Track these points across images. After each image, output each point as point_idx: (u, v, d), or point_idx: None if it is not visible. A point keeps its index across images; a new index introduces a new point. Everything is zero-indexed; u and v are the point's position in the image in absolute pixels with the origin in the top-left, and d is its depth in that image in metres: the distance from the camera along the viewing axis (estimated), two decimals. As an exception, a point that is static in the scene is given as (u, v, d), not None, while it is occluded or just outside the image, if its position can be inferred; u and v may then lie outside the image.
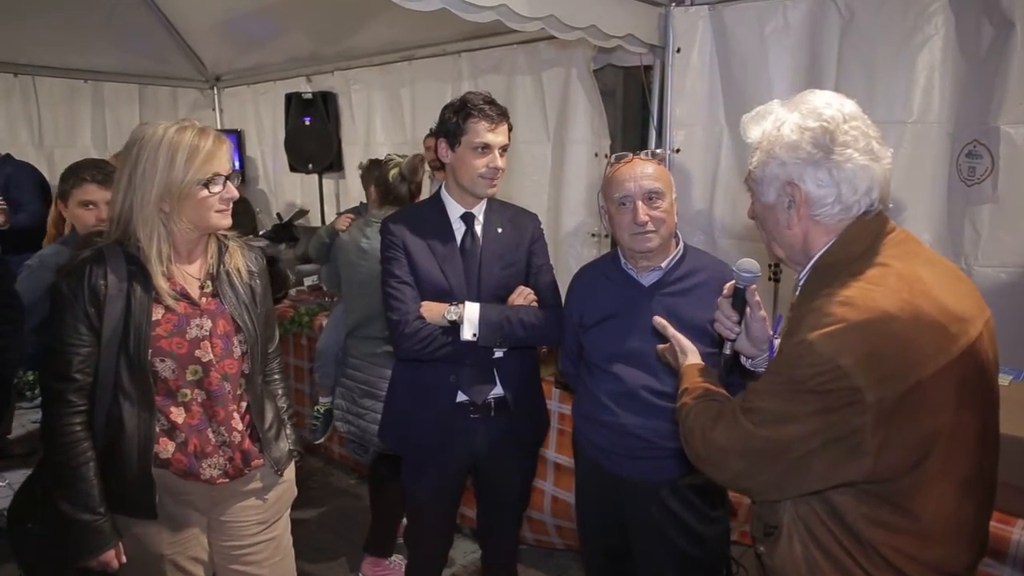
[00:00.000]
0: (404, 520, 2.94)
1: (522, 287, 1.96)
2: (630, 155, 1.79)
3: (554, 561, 2.87)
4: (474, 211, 1.95)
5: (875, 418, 0.98)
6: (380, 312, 2.51)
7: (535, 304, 1.94)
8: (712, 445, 1.15)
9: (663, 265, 1.77)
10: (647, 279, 1.78)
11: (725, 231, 3.04)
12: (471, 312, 1.84)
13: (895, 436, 1.00)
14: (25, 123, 4.72)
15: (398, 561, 2.79)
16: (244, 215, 3.67)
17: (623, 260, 1.82)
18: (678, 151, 3.03)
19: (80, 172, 2.21)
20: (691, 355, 1.42)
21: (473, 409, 1.94)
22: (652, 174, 1.72)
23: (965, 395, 1.04)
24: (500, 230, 1.97)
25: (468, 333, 1.84)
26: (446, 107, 1.90)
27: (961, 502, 1.07)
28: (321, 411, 3.03)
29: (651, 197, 1.70)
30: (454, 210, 1.95)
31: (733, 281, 1.37)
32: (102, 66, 4.83)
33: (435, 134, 1.94)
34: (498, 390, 1.96)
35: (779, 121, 1.15)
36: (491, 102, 1.87)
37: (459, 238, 1.93)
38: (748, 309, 1.36)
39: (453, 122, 1.85)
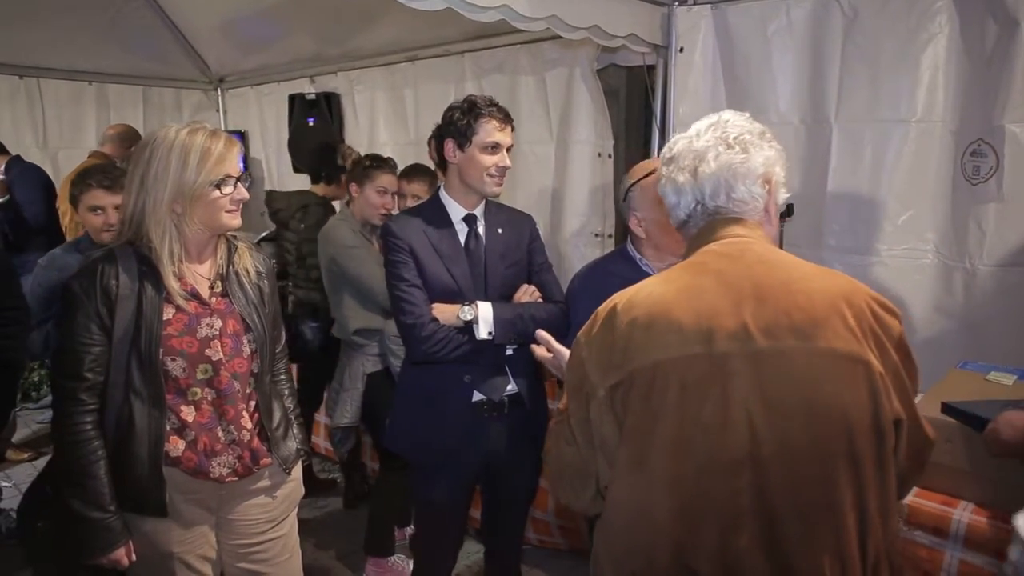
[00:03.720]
0: (409, 527, 2.97)
1: (526, 285, 1.99)
2: None
3: (559, 562, 2.88)
4: (475, 212, 1.97)
5: (606, 406, 1.09)
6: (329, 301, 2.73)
7: (541, 300, 1.98)
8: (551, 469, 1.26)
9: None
10: None
11: (729, 230, 3.04)
12: (485, 311, 1.87)
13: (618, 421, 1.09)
14: (30, 125, 4.73)
15: (399, 561, 2.79)
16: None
17: (637, 257, 1.83)
18: (682, 150, 3.03)
19: (88, 178, 2.31)
20: None
21: (488, 407, 1.95)
22: None
23: (662, 400, 1.04)
24: (500, 230, 1.99)
25: (484, 332, 1.86)
26: (452, 108, 1.91)
27: (656, 503, 1.05)
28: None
29: None
30: (456, 212, 1.96)
31: None
32: (106, 68, 4.83)
33: (439, 135, 1.94)
34: (512, 386, 1.98)
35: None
36: (497, 104, 1.92)
37: (463, 239, 1.95)
38: None
39: (464, 122, 1.87)
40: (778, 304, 1.05)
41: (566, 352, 1.39)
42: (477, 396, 1.94)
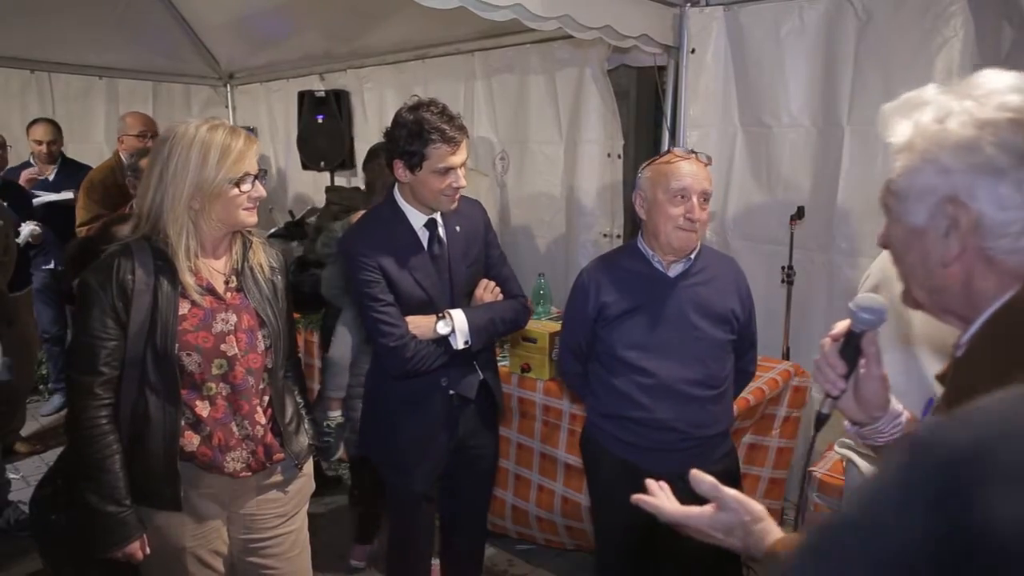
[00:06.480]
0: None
1: (485, 281, 2.01)
2: (692, 153, 1.82)
3: (564, 561, 2.88)
4: (435, 216, 1.94)
5: None
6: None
7: (502, 297, 2.00)
8: None
9: (692, 256, 1.83)
10: (673, 270, 1.83)
11: (738, 233, 3.04)
12: (460, 321, 1.89)
13: None
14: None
15: None
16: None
17: (648, 252, 1.84)
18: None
19: None
20: (768, 521, 0.95)
21: (460, 400, 2.00)
22: (708, 176, 1.79)
23: None
24: (458, 228, 1.97)
25: (460, 342, 1.89)
26: (399, 125, 1.79)
27: None
28: (333, 425, 2.78)
29: (704, 198, 1.77)
30: (416, 219, 1.92)
31: (848, 321, 1.00)
32: (117, 63, 4.86)
33: (388, 153, 1.85)
34: (481, 378, 2.04)
35: (943, 111, 0.80)
36: (450, 119, 1.78)
37: (425, 244, 1.93)
38: (862, 360, 1.00)
39: (413, 147, 1.77)
40: None
41: (756, 506, 0.96)
42: (451, 393, 2.00)
